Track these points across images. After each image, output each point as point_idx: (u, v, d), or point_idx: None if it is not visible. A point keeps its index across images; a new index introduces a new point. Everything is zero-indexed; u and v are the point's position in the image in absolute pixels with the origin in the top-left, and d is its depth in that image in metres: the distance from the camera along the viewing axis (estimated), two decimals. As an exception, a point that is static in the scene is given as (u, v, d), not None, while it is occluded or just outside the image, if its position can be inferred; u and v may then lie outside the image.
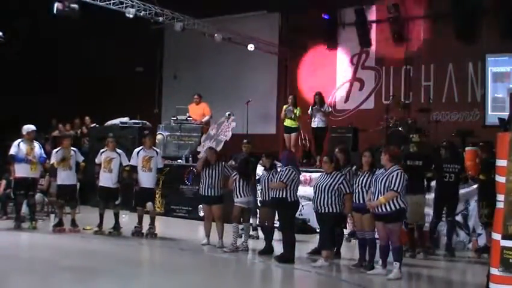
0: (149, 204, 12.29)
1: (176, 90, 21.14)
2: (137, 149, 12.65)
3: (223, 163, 11.66)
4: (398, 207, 8.97)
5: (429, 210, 11.44)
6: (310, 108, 15.26)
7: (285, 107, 15.60)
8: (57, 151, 12.74)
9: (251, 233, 12.38)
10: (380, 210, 9.03)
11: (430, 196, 11.43)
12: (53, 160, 12.66)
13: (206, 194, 11.38)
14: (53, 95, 21.31)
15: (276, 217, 10.91)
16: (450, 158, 11.32)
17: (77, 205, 13.05)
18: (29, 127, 12.85)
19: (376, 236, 9.55)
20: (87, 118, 19.12)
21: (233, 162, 12.13)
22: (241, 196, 10.93)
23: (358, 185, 9.59)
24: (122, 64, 21.43)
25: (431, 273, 10.12)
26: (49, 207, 14.98)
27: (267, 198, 10.73)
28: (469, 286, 9.64)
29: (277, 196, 10.20)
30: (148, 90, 22.13)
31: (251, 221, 12.48)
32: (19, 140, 12.75)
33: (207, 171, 11.37)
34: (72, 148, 12.93)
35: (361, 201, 9.51)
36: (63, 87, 22.00)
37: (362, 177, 9.58)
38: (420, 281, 9.64)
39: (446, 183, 11.12)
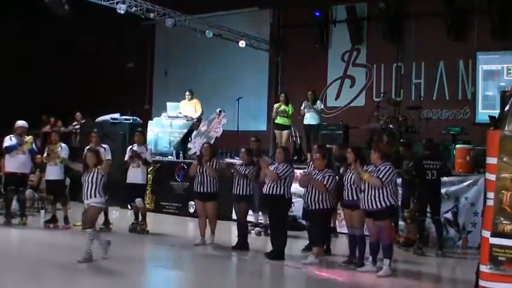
0: (138, 200, 12.22)
1: (167, 87, 21.13)
2: (130, 146, 12.71)
3: (217, 159, 11.62)
4: (388, 204, 8.97)
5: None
6: (302, 105, 15.25)
7: (276, 105, 15.59)
8: (48, 147, 12.74)
9: (256, 229, 12.41)
10: (370, 206, 9.02)
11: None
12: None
13: (199, 190, 11.21)
14: (44, 91, 21.23)
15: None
16: (430, 155, 11.10)
17: (67, 201, 12.99)
18: (20, 123, 12.85)
19: (366, 233, 9.57)
20: (78, 114, 19.06)
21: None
22: (103, 195, 9.75)
23: (347, 182, 9.57)
24: (113, 60, 21.39)
25: (421, 270, 10.14)
26: (39, 203, 14.92)
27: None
28: (458, 283, 9.66)
29: (274, 193, 10.01)
30: (139, 86, 22.08)
31: (252, 218, 12.46)
32: (10, 136, 12.78)
33: (201, 168, 11.21)
34: (61, 144, 12.89)
35: (350, 198, 9.51)
36: (54, 83, 21.91)
37: (352, 174, 9.52)
38: (410, 278, 9.63)
39: (428, 181, 10.89)
